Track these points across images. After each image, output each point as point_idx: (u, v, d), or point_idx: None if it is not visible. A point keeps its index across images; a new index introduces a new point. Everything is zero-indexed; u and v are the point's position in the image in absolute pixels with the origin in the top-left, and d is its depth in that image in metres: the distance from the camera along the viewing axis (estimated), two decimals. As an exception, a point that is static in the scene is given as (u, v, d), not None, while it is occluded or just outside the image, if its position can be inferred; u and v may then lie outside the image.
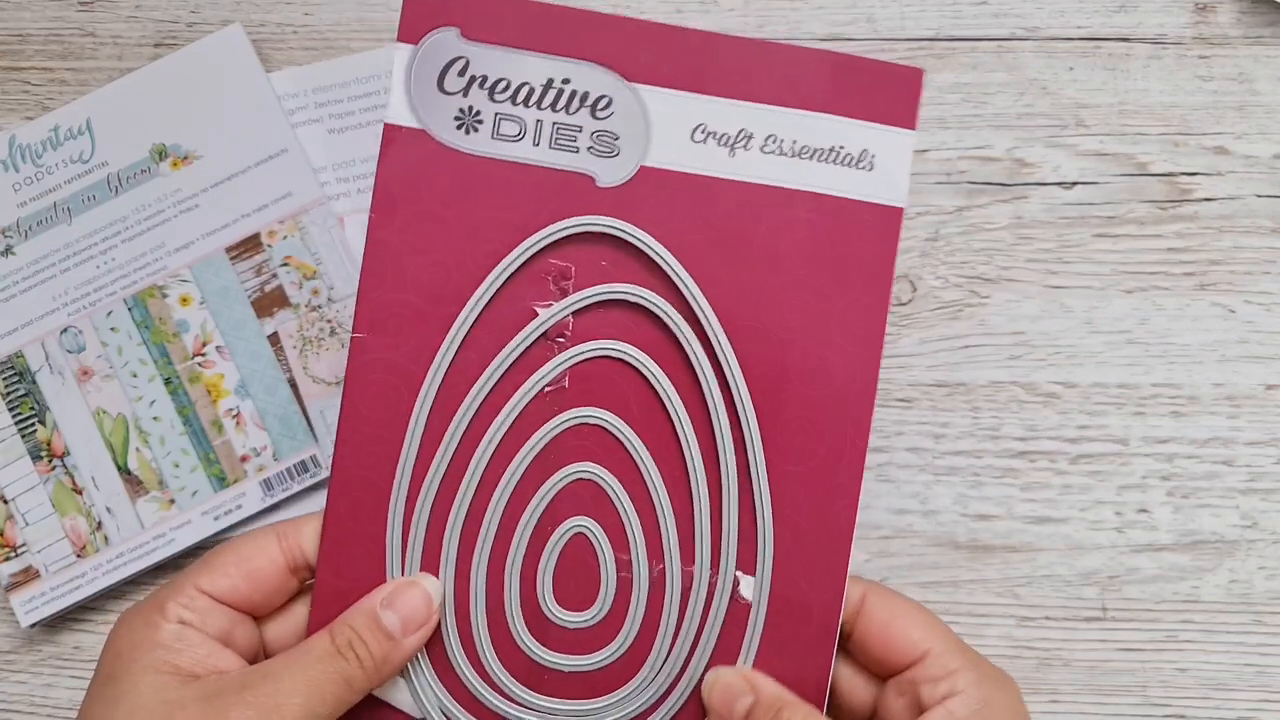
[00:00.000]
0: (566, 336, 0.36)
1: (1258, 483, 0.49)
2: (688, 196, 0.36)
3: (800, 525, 0.36)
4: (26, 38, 0.52)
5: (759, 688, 0.35)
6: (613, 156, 0.36)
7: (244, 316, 0.50)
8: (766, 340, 0.36)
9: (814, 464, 0.36)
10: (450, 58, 0.36)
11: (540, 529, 0.37)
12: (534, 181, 0.36)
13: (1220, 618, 0.49)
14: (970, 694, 0.34)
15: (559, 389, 0.36)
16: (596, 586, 0.37)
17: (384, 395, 0.36)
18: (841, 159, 0.36)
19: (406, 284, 0.36)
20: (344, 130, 0.51)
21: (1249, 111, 0.51)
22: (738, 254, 0.36)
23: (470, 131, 0.36)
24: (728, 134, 0.36)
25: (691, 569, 0.37)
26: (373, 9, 0.51)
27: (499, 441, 0.36)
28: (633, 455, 0.37)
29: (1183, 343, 0.50)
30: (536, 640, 0.37)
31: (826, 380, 0.36)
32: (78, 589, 0.49)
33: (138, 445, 0.50)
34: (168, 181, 0.50)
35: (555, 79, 0.36)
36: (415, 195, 0.36)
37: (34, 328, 0.50)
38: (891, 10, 0.51)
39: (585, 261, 0.36)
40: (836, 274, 0.36)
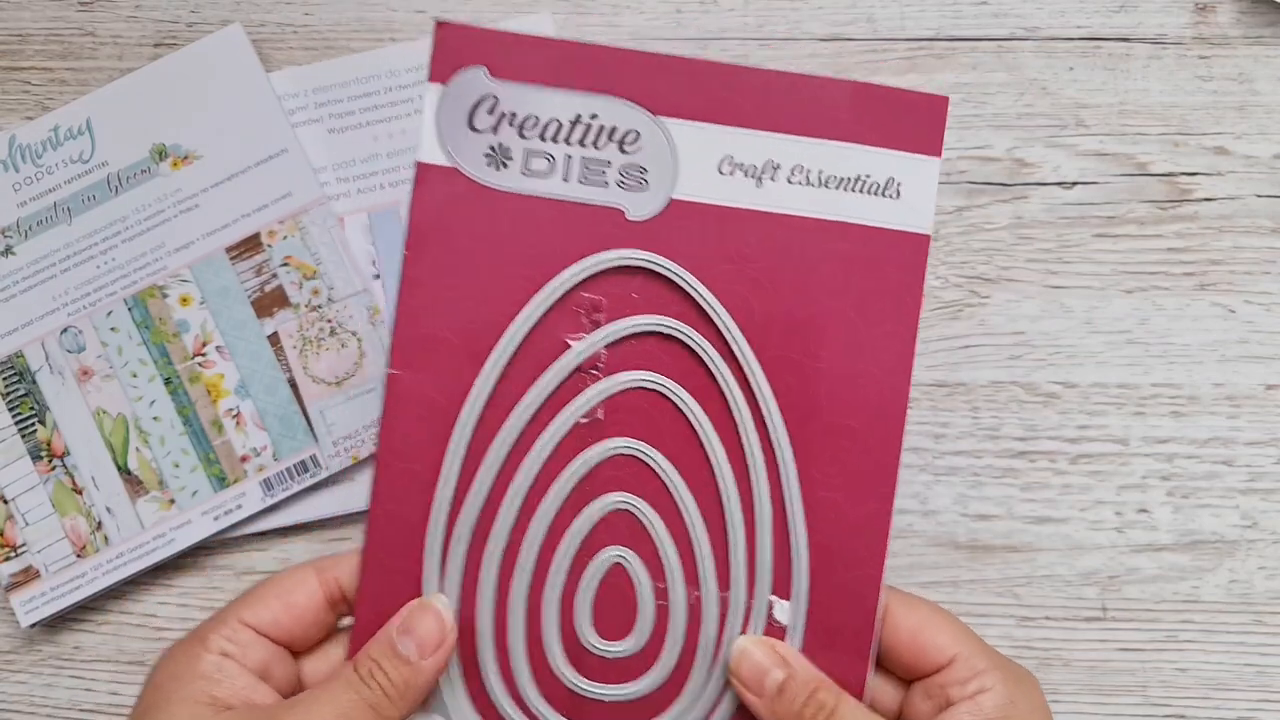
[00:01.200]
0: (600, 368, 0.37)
1: (1258, 483, 0.49)
2: (716, 228, 0.37)
3: (834, 549, 0.37)
4: (26, 37, 0.52)
5: (791, 663, 0.36)
6: (642, 190, 0.37)
7: (244, 316, 0.50)
8: (798, 369, 0.37)
9: (847, 489, 0.37)
10: (479, 96, 0.36)
11: (578, 560, 0.37)
12: (564, 216, 0.37)
13: (1220, 618, 0.49)
14: (998, 690, 0.35)
15: (594, 421, 0.37)
16: (634, 615, 0.37)
17: (420, 430, 0.36)
18: (868, 188, 0.37)
19: (440, 320, 0.36)
20: (344, 130, 0.51)
21: (1249, 111, 0.51)
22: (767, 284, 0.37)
23: (500, 168, 0.37)
24: (755, 165, 0.37)
25: (727, 594, 0.37)
26: (372, 9, 0.51)
27: (536, 474, 0.37)
28: (667, 484, 0.37)
29: (1183, 343, 0.50)
30: (575, 670, 0.37)
31: (858, 407, 0.37)
32: (78, 589, 0.49)
33: (138, 445, 0.50)
34: (168, 181, 0.50)
35: (583, 115, 0.37)
36: (447, 232, 0.36)
37: (34, 328, 0.50)
38: (891, 10, 0.51)
39: (617, 294, 0.37)
40: (865, 303, 0.37)
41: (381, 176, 0.50)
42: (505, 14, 0.51)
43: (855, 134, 0.37)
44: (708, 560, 0.37)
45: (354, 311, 0.50)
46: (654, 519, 0.37)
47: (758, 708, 0.36)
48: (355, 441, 0.50)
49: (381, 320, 0.50)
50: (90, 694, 0.50)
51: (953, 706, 0.36)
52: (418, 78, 0.51)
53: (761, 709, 0.36)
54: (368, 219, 0.51)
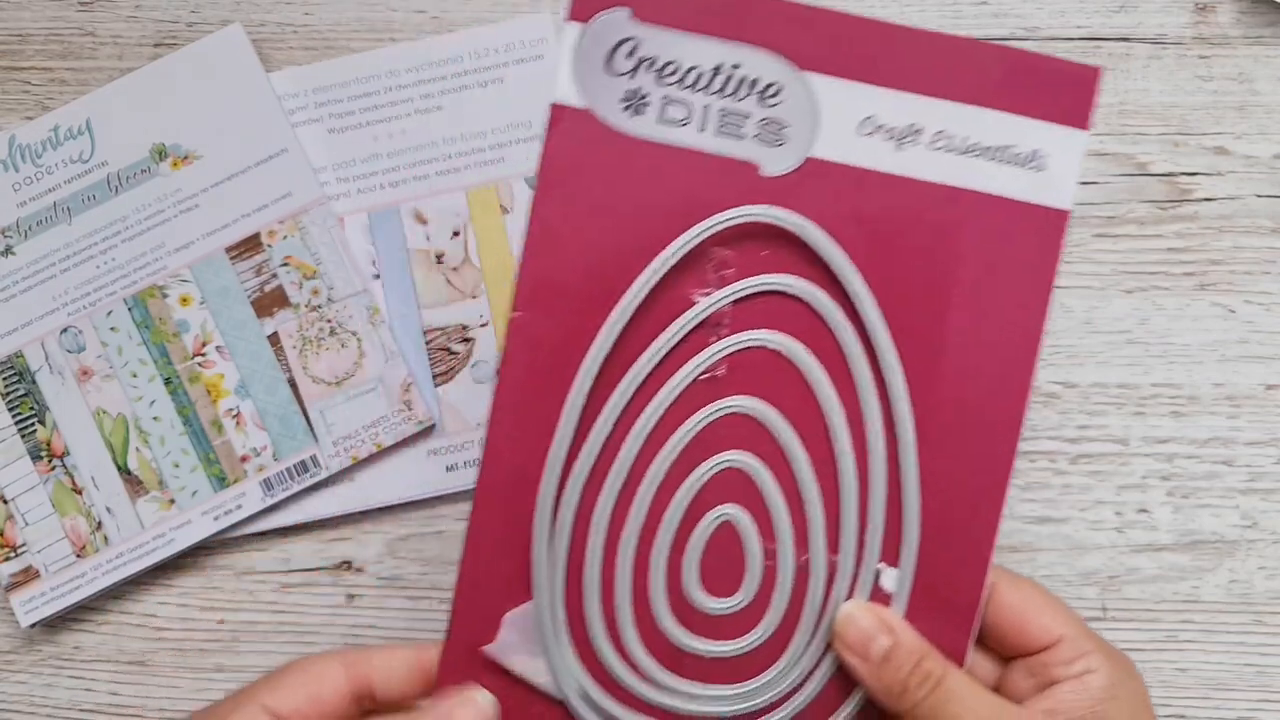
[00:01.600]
0: (725, 325, 0.36)
1: (1258, 483, 0.49)
2: (852, 190, 0.36)
3: (946, 520, 0.36)
4: (26, 37, 0.52)
5: (896, 630, 0.36)
6: (779, 145, 0.36)
7: (244, 316, 0.50)
8: (924, 338, 0.36)
9: (963, 463, 0.36)
10: (620, 38, 0.36)
11: (689, 515, 0.37)
12: (697, 167, 0.36)
13: (1220, 618, 0.49)
14: (1103, 672, 0.36)
15: (714, 377, 0.36)
16: (741, 574, 0.37)
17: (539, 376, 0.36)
18: (1012, 158, 0.36)
19: (566, 264, 0.36)
20: (344, 130, 0.51)
21: (1249, 111, 0.50)
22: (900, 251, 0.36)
23: (636, 114, 0.36)
24: (897, 127, 0.36)
25: (836, 559, 0.37)
26: (373, 9, 0.51)
27: (652, 427, 0.36)
28: (783, 445, 0.37)
29: (1183, 343, 0.50)
30: (679, 625, 0.37)
31: (982, 380, 0.36)
32: (77, 589, 0.49)
33: (137, 445, 0.50)
34: (168, 181, 0.50)
35: (725, 64, 0.36)
36: (579, 175, 0.36)
37: (34, 328, 0.50)
38: (891, 10, 0.51)
39: (746, 250, 0.36)
40: (998, 276, 0.36)
41: (381, 176, 0.50)
42: (505, 14, 0.51)
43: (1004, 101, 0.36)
44: (819, 523, 0.37)
45: (354, 311, 0.50)
46: (767, 478, 0.37)
47: (861, 673, 0.36)
48: (355, 441, 0.50)
49: (381, 320, 0.50)
50: (90, 694, 0.50)
51: (1057, 685, 0.36)
52: (418, 77, 0.50)
53: (866, 674, 0.36)
54: (367, 219, 0.51)
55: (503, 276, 0.50)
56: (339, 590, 0.50)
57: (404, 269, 0.50)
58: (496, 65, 0.50)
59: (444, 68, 0.50)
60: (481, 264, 0.50)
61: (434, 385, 0.50)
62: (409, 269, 0.50)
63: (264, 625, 0.50)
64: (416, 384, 0.50)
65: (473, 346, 0.50)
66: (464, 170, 0.50)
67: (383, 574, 0.50)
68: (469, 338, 0.50)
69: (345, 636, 0.50)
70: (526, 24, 0.51)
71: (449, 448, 0.50)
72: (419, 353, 0.50)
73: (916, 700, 0.35)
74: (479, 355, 0.50)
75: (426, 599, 0.50)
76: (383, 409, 0.50)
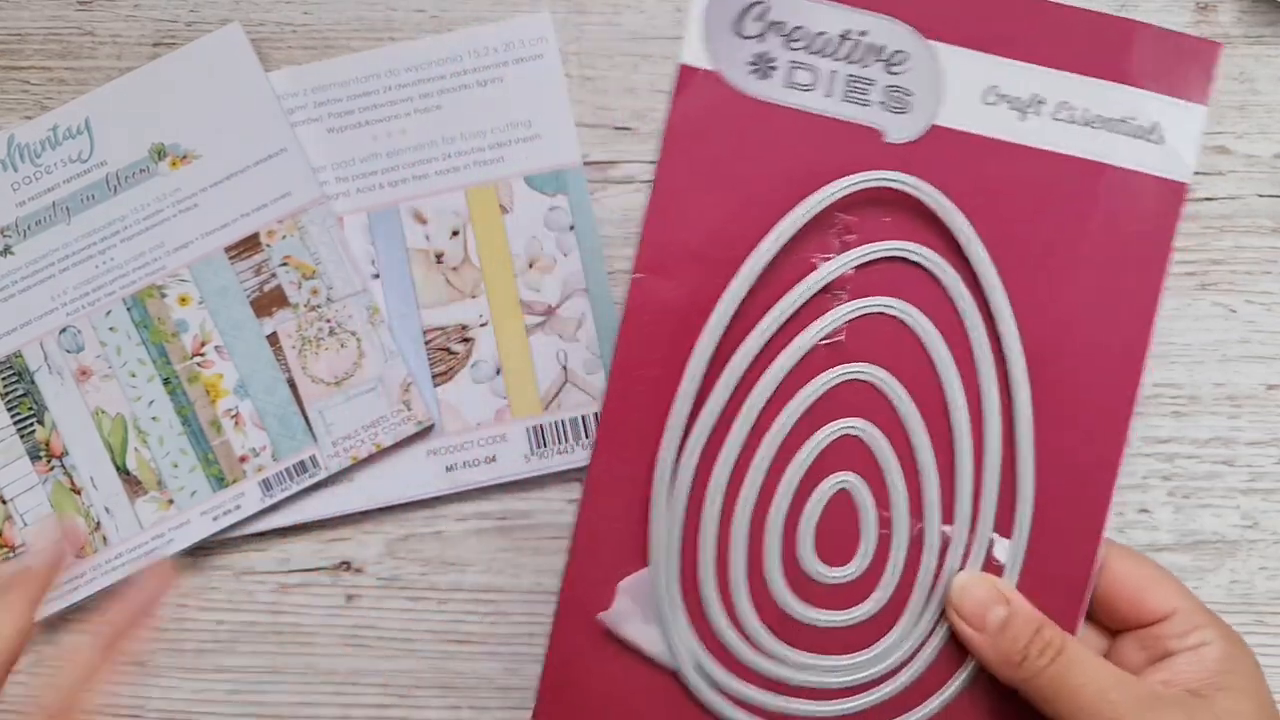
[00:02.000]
0: (847, 291, 0.36)
1: (1259, 483, 0.49)
2: (976, 159, 0.36)
3: (1059, 493, 0.37)
4: (25, 37, 0.52)
5: (1012, 600, 0.36)
6: (903, 113, 0.36)
7: (243, 316, 0.50)
8: (1044, 310, 0.36)
9: (1078, 436, 0.37)
10: (750, 2, 0.36)
11: (805, 483, 0.37)
12: (823, 132, 0.36)
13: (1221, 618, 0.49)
14: (1218, 645, 0.36)
15: (835, 343, 0.36)
16: (856, 542, 0.37)
17: (660, 337, 0.36)
18: (1132, 130, 0.36)
19: (690, 226, 0.36)
20: (343, 130, 0.51)
21: (1250, 111, 0.50)
22: (1022, 221, 0.36)
23: (764, 77, 0.36)
24: (1020, 98, 0.36)
25: (950, 529, 0.37)
26: (372, 8, 0.51)
27: (772, 392, 0.36)
28: (900, 413, 0.37)
29: (1183, 342, 0.50)
30: (792, 593, 0.37)
31: (1100, 355, 0.36)
32: (76, 589, 0.49)
33: (136, 445, 0.49)
34: (167, 181, 0.50)
35: (852, 30, 0.36)
36: (705, 138, 0.36)
37: (32, 327, 0.50)
38: None
39: (868, 216, 0.36)
40: (1119, 249, 0.36)
41: (381, 176, 0.50)
42: (505, 13, 0.51)
43: (1125, 74, 0.36)
44: (934, 493, 0.37)
45: (353, 311, 0.50)
46: (884, 446, 0.37)
47: (978, 643, 0.36)
48: (355, 441, 0.49)
49: (381, 320, 0.50)
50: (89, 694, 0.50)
51: (1172, 657, 0.36)
52: (418, 77, 0.50)
53: (983, 645, 0.36)
54: (367, 219, 0.50)
55: (502, 276, 0.50)
56: (338, 590, 0.50)
57: (403, 269, 0.50)
58: (496, 64, 0.50)
59: (443, 67, 0.50)
60: (481, 263, 0.50)
61: (433, 385, 0.50)
62: (408, 269, 0.50)
63: (262, 626, 0.50)
64: (416, 384, 0.50)
65: (472, 346, 0.50)
66: (463, 170, 0.50)
67: (382, 574, 0.50)
68: (469, 337, 0.50)
69: (344, 637, 0.50)
70: (526, 23, 0.51)
71: (448, 448, 0.50)
72: (418, 352, 0.50)
73: (1038, 669, 0.35)
74: (478, 355, 0.50)
75: (426, 599, 0.50)
76: (382, 409, 0.50)
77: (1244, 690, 0.35)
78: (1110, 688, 0.35)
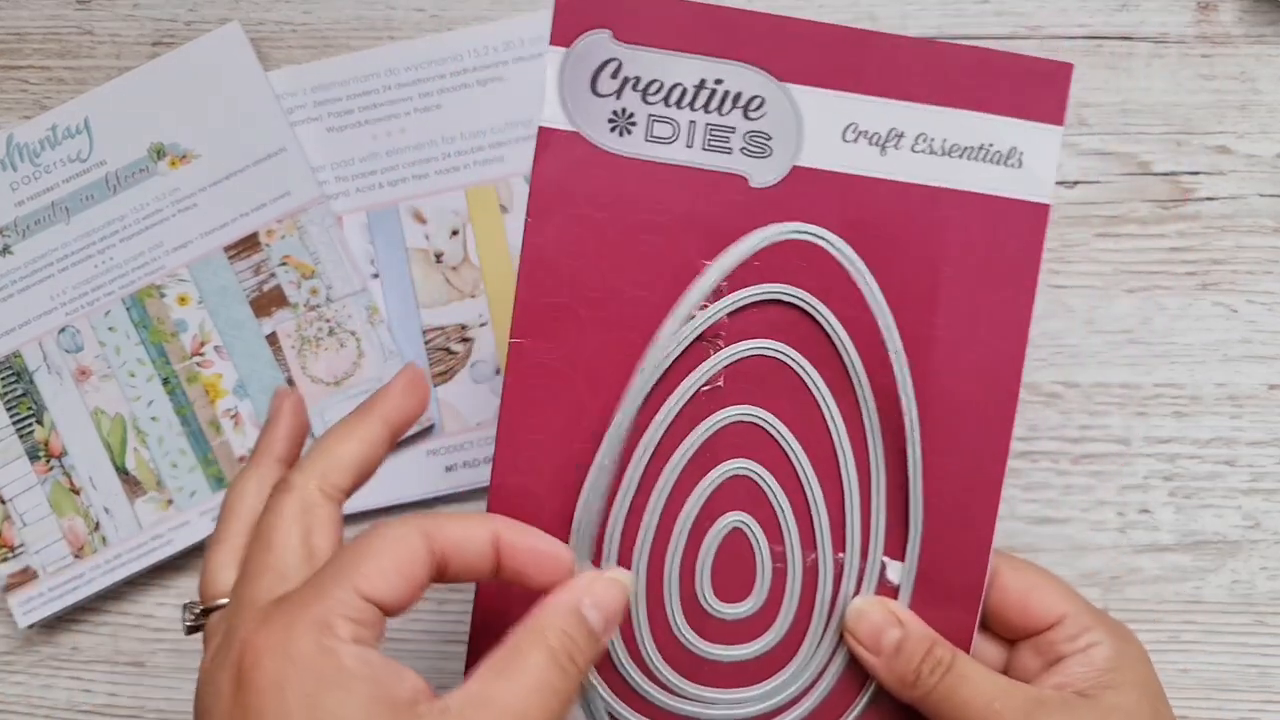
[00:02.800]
0: (723, 337, 0.37)
1: (1260, 483, 0.49)
2: (840, 196, 0.37)
3: (946, 513, 0.37)
4: (24, 36, 0.52)
5: (905, 622, 0.37)
6: (765, 157, 0.37)
7: (242, 316, 0.50)
8: (917, 337, 0.37)
9: (960, 456, 0.37)
10: (603, 60, 0.36)
11: (698, 525, 0.37)
12: (687, 183, 0.37)
13: (1222, 618, 0.49)
14: (1107, 644, 0.37)
15: (715, 389, 0.37)
16: (753, 578, 0.38)
17: (543, 400, 0.36)
18: (991, 156, 0.37)
19: (563, 288, 0.36)
20: (343, 129, 0.50)
21: (1251, 110, 0.50)
22: (888, 253, 0.37)
23: (624, 134, 0.36)
24: (879, 133, 0.37)
25: (843, 557, 0.38)
26: (371, 7, 0.51)
27: (659, 441, 0.37)
28: (786, 450, 0.37)
29: (1185, 342, 0.50)
30: (695, 632, 0.38)
31: (974, 375, 0.37)
32: (76, 590, 0.49)
33: (136, 445, 0.49)
34: (166, 180, 0.50)
35: (708, 79, 0.36)
36: (570, 198, 0.36)
37: (32, 327, 0.50)
38: (893, 9, 0.51)
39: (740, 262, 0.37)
40: (985, 271, 0.37)
41: (380, 175, 0.50)
42: (505, 13, 0.51)
43: (980, 102, 0.37)
44: (824, 523, 0.38)
45: (352, 311, 0.50)
46: (772, 484, 0.37)
47: (875, 666, 0.37)
48: (354, 442, 0.49)
49: (380, 320, 0.50)
50: (88, 695, 0.50)
51: (1064, 660, 0.37)
52: (417, 76, 0.50)
53: (879, 667, 0.37)
54: (366, 218, 0.50)
55: (502, 276, 0.50)
56: (338, 591, 0.50)
57: (403, 268, 0.50)
58: (496, 64, 0.50)
59: (443, 66, 0.50)
60: (481, 263, 0.50)
61: (433, 385, 0.50)
62: (408, 268, 0.50)
63: (263, 626, 0.50)
64: (416, 384, 0.50)
65: (472, 346, 0.50)
66: (463, 169, 0.50)
67: (382, 574, 0.50)
68: (468, 337, 0.50)
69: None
70: (526, 22, 0.50)
71: (448, 448, 0.50)
72: (418, 352, 0.50)
73: (929, 687, 0.36)
74: (478, 355, 0.50)
75: (425, 599, 0.50)
76: (382, 409, 0.49)
77: (1131, 686, 0.36)
78: (995, 697, 0.36)
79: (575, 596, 0.33)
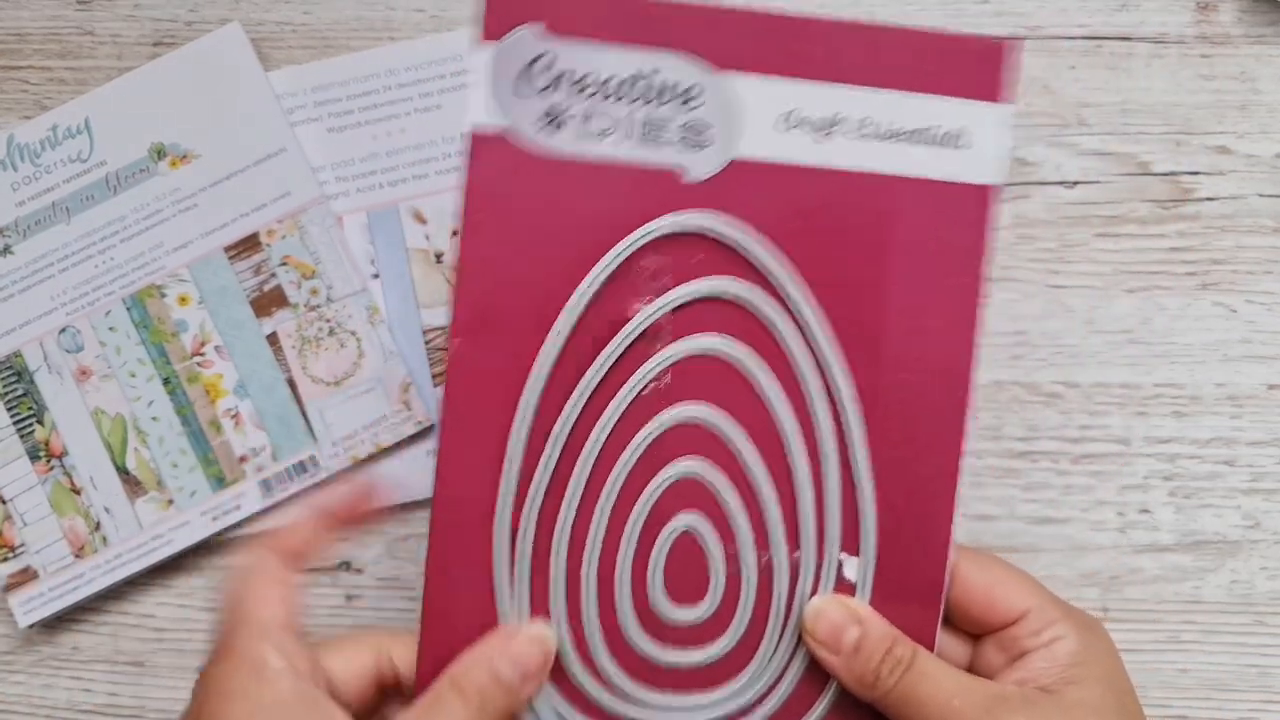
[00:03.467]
0: (665, 335, 0.36)
1: (1260, 483, 0.49)
2: (780, 186, 0.36)
3: (902, 506, 0.36)
4: (25, 36, 0.52)
5: (865, 620, 0.36)
6: (703, 148, 0.36)
7: (242, 316, 0.50)
8: (863, 329, 0.36)
9: (914, 446, 0.36)
10: (534, 54, 0.35)
11: (648, 528, 0.37)
12: (624, 178, 0.36)
13: (1222, 618, 0.49)
14: (1071, 638, 0.36)
15: (659, 388, 0.36)
16: (706, 581, 0.37)
17: (485, 404, 0.36)
18: (934, 139, 0.36)
19: (500, 289, 0.36)
20: (343, 129, 0.50)
21: (1251, 111, 0.50)
22: (832, 243, 0.36)
23: (557, 129, 0.35)
24: (818, 119, 0.36)
25: (798, 555, 0.37)
26: (372, 7, 0.51)
27: (603, 444, 0.36)
28: (735, 449, 0.37)
29: (1185, 342, 0.50)
30: (649, 638, 0.37)
31: (925, 363, 0.36)
32: (76, 589, 0.49)
33: (136, 445, 0.49)
34: (166, 181, 0.50)
35: (643, 71, 0.35)
36: (504, 198, 0.35)
37: (32, 327, 0.50)
38: (892, 9, 0.51)
39: (680, 257, 0.36)
40: (932, 258, 0.36)
41: (380, 176, 0.50)
42: (505, 13, 0.51)
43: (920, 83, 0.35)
44: (777, 522, 0.37)
45: (353, 311, 0.50)
46: (722, 484, 0.37)
47: (834, 666, 0.36)
48: (354, 442, 0.49)
49: (381, 320, 0.50)
50: (89, 695, 0.50)
51: (1027, 655, 0.36)
52: (417, 76, 0.50)
53: (838, 666, 0.36)
54: (366, 218, 0.50)
55: (502, 276, 0.50)
56: (338, 590, 0.50)
57: (403, 268, 0.50)
58: (496, 64, 0.50)
59: (443, 66, 0.50)
60: (481, 263, 0.50)
61: (433, 385, 0.50)
62: (408, 268, 0.50)
63: (263, 626, 0.50)
64: (416, 384, 0.50)
65: (472, 346, 0.50)
66: (463, 169, 0.50)
67: (382, 574, 0.50)
68: (468, 337, 0.50)
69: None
70: (526, 23, 0.50)
71: (448, 448, 0.50)
72: (418, 352, 0.50)
73: (889, 686, 0.35)
74: (478, 355, 0.50)
75: (426, 599, 0.50)
76: (382, 409, 0.49)
77: (1096, 680, 0.36)
78: (955, 694, 0.35)
79: (492, 653, 0.35)
